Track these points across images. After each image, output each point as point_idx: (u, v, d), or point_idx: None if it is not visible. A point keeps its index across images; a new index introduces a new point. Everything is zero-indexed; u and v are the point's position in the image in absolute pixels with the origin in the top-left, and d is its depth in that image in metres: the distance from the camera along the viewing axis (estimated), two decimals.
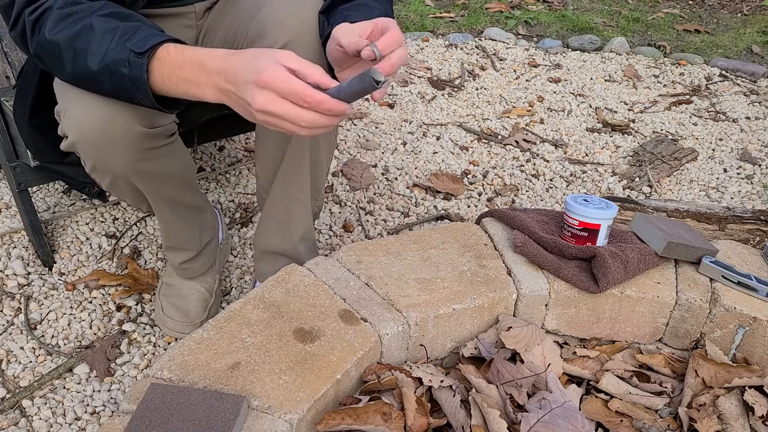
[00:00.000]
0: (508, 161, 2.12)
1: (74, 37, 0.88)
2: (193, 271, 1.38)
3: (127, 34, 0.86)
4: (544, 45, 3.14)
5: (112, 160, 1.03)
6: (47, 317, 1.40)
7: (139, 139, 1.01)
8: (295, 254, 1.28)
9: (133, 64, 0.85)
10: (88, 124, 0.97)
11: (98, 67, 0.87)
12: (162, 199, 1.20)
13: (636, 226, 1.27)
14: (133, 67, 0.85)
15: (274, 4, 1.05)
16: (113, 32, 0.86)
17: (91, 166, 1.05)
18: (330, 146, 1.23)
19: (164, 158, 1.10)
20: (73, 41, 0.88)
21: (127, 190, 1.14)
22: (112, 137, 0.99)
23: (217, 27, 1.21)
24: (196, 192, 1.30)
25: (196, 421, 0.82)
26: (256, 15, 1.08)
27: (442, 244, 1.25)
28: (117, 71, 0.86)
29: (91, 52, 0.87)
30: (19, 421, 1.18)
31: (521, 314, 1.17)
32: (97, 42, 0.86)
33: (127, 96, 0.89)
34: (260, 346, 0.97)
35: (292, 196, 1.22)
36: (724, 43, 3.31)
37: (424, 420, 0.96)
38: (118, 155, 1.02)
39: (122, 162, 1.03)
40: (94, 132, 0.98)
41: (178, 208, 1.26)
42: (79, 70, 0.89)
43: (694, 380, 1.10)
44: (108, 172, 1.06)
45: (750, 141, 2.33)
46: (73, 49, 0.88)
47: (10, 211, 1.67)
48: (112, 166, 1.04)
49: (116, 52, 0.85)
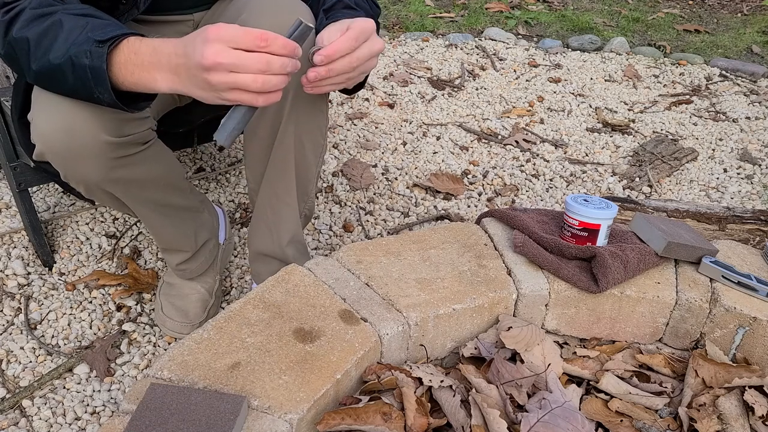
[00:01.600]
0: (508, 161, 2.13)
1: (43, 33, 0.87)
2: (191, 272, 1.38)
3: (95, 29, 0.85)
4: (544, 45, 3.14)
5: (82, 170, 1.01)
6: (47, 317, 1.40)
7: (107, 148, 1.00)
8: (284, 257, 1.27)
9: (94, 53, 0.84)
10: (53, 134, 0.96)
11: (61, 60, 0.86)
12: (145, 203, 1.18)
13: (636, 226, 1.27)
14: (93, 57, 0.84)
15: (253, 11, 1.05)
16: (82, 28, 0.86)
17: (63, 175, 1.04)
18: (317, 149, 1.21)
19: (140, 164, 1.08)
20: (42, 37, 0.87)
21: (106, 198, 1.13)
22: (78, 148, 0.97)
23: None
24: (186, 193, 1.29)
25: (196, 421, 0.82)
26: (236, 20, 1.08)
27: (442, 244, 1.25)
28: (79, 62, 0.85)
29: (56, 46, 0.86)
30: (19, 421, 1.18)
31: (521, 314, 1.17)
32: (64, 37, 0.86)
33: (88, 91, 0.88)
34: (260, 346, 0.97)
35: (279, 198, 1.21)
36: (724, 43, 3.31)
37: (424, 420, 0.96)
38: (86, 165, 1.01)
39: (92, 171, 1.02)
40: (58, 142, 0.97)
41: (165, 210, 1.24)
42: (44, 64, 0.88)
43: (694, 380, 1.10)
44: (81, 182, 1.05)
45: (750, 141, 2.33)
46: (39, 44, 0.87)
47: (10, 211, 1.67)
48: (83, 176, 1.03)
49: (80, 44, 0.84)
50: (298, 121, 1.10)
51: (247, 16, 1.05)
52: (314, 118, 1.14)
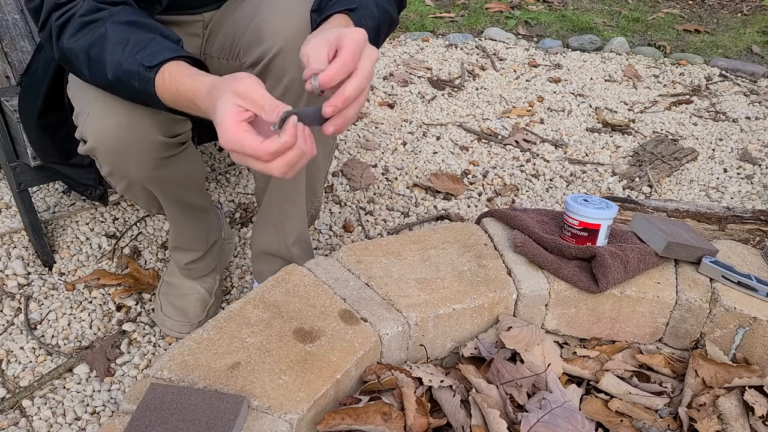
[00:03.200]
0: (508, 161, 2.12)
1: (90, 46, 0.90)
2: (198, 272, 1.38)
3: (138, 46, 0.87)
4: (544, 45, 3.14)
5: (129, 167, 1.04)
6: (47, 317, 1.40)
7: (158, 147, 1.03)
8: (289, 256, 1.28)
9: (141, 77, 0.87)
10: (108, 130, 0.98)
11: (112, 77, 0.89)
12: (174, 201, 1.21)
13: (636, 226, 1.27)
14: (141, 81, 0.87)
15: (267, 12, 1.06)
16: (125, 42, 0.88)
17: (108, 171, 1.06)
18: (327, 148, 1.22)
19: (179, 164, 1.11)
20: (89, 50, 0.90)
21: (141, 195, 1.15)
22: (131, 144, 1.00)
23: (216, 34, 1.22)
24: (204, 193, 1.31)
25: (196, 421, 0.82)
26: (251, 22, 1.09)
27: (442, 244, 1.25)
28: (128, 83, 0.88)
29: (104, 61, 0.89)
30: (19, 421, 1.18)
31: (521, 314, 1.17)
32: (110, 51, 0.88)
33: (144, 103, 0.92)
34: (260, 346, 0.97)
35: (288, 197, 1.22)
36: (724, 43, 3.31)
37: (424, 420, 0.96)
38: (135, 162, 1.04)
39: (139, 169, 1.05)
40: (113, 138, 0.99)
41: (187, 210, 1.27)
42: (97, 78, 0.92)
43: (694, 380, 1.10)
44: (124, 178, 1.07)
45: (750, 141, 2.33)
46: (89, 57, 0.90)
47: (10, 211, 1.67)
48: (129, 173, 1.06)
49: (128, 64, 0.87)
50: None
51: (260, 21, 1.05)
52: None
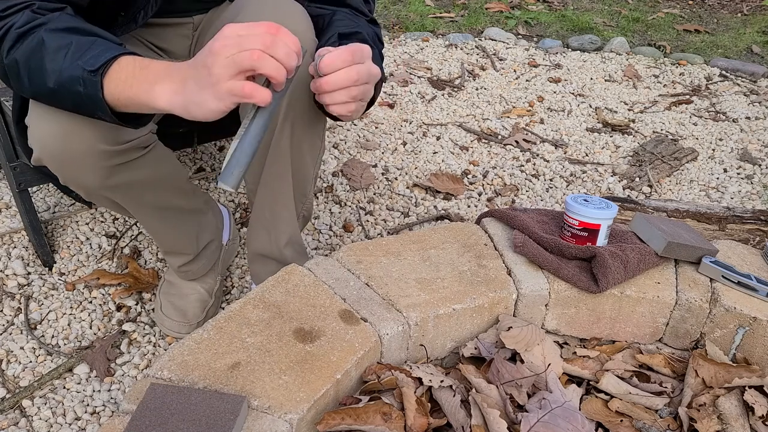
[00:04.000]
0: (508, 161, 2.12)
1: (29, 56, 0.85)
2: (193, 273, 1.38)
3: (80, 51, 0.83)
4: (544, 45, 3.14)
5: (80, 176, 1.01)
6: (47, 317, 1.40)
7: (103, 156, 0.99)
8: (281, 258, 1.27)
9: (87, 82, 0.82)
10: (50, 140, 0.95)
11: (54, 85, 0.85)
12: (145, 207, 1.17)
13: (636, 226, 1.27)
14: (87, 86, 0.83)
15: (249, 13, 1.05)
16: (66, 48, 0.84)
17: (62, 180, 1.04)
18: (314, 150, 1.20)
19: (141, 169, 1.08)
20: (29, 60, 0.85)
21: (106, 202, 1.12)
22: (74, 155, 0.96)
23: (205, 35, 1.22)
24: (190, 195, 1.29)
25: (196, 421, 0.82)
26: (234, 21, 1.08)
27: (442, 244, 1.25)
28: (73, 89, 0.84)
29: (45, 69, 0.84)
30: (19, 421, 1.18)
31: (521, 314, 1.17)
32: (50, 59, 0.84)
33: (88, 112, 0.87)
34: (260, 346, 0.97)
35: (276, 200, 1.21)
36: (724, 43, 3.31)
37: (424, 420, 0.96)
38: (84, 172, 1.00)
39: (90, 178, 1.01)
40: (55, 149, 0.96)
41: (166, 213, 1.24)
42: (38, 88, 0.87)
43: (694, 380, 1.10)
44: (80, 187, 1.04)
45: (750, 141, 2.33)
46: (29, 67, 0.86)
47: (10, 211, 1.67)
48: (81, 182, 1.02)
49: (70, 70, 0.83)
50: (295, 122, 1.10)
51: (243, 18, 1.05)
52: (312, 120, 1.13)
